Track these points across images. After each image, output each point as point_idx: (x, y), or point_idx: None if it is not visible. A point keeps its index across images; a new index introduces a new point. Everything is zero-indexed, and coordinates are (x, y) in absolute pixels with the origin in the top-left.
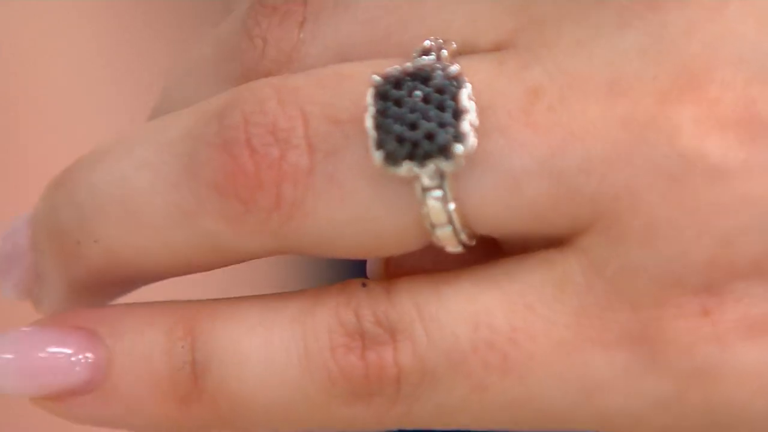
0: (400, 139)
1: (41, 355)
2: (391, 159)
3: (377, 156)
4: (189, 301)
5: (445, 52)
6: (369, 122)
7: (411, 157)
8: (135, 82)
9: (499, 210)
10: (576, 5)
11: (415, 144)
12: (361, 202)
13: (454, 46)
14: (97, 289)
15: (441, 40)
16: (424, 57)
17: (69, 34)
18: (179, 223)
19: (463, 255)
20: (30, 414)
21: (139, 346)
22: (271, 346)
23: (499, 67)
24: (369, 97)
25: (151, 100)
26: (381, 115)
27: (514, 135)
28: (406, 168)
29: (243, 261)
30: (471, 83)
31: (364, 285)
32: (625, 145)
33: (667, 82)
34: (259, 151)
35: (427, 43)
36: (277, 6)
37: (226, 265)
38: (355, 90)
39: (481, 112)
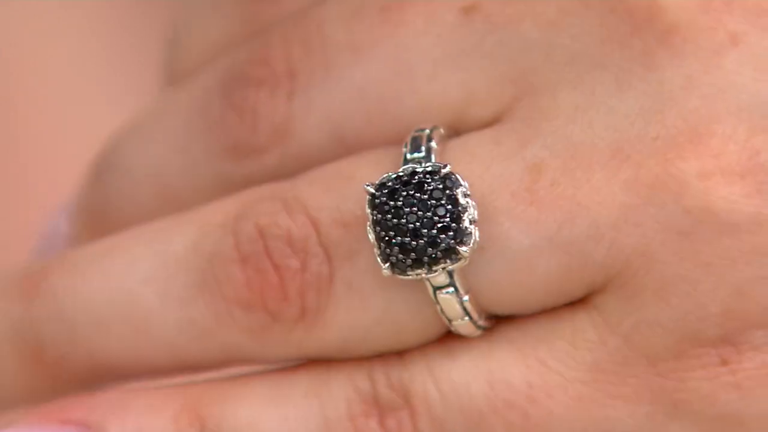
0: (404, 250)
1: None
2: (399, 269)
3: (384, 267)
4: (190, 384)
5: (434, 144)
6: (371, 235)
7: (418, 264)
8: (135, 82)
9: (513, 291)
10: (572, 71)
11: (419, 252)
12: (380, 306)
13: (443, 132)
14: (65, 388)
15: (428, 130)
16: (414, 152)
17: (69, 34)
18: (196, 338)
19: None
20: None
21: None
22: (288, 422)
23: (497, 148)
24: (366, 207)
25: (150, 99)
26: (380, 226)
27: (519, 215)
28: (415, 274)
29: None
30: (468, 171)
31: None
32: (632, 208)
33: (669, 140)
34: (281, 264)
35: (414, 133)
36: (264, 78)
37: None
38: (357, 191)
39: (483, 198)
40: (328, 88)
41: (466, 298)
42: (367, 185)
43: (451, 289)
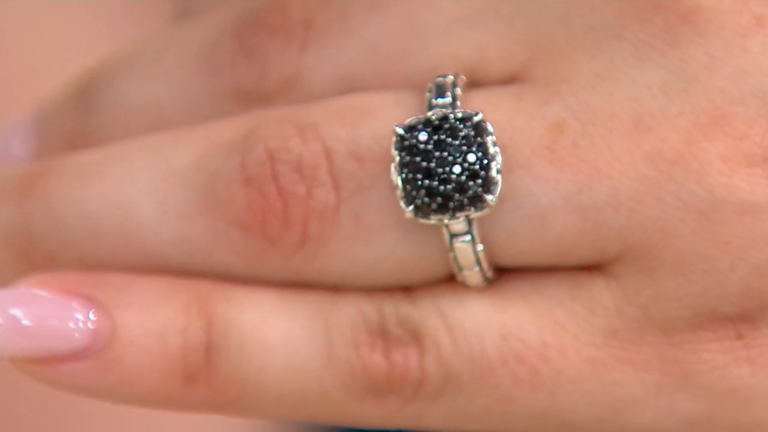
0: (431, 194)
1: (37, 315)
2: (422, 212)
3: (408, 209)
4: (198, 281)
5: (459, 91)
6: (396, 176)
7: (443, 209)
8: None
9: (526, 245)
10: (590, 38)
11: (446, 197)
12: (387, 244)
13: (465, 79)
14: None
15: (452, 76)
16: (440, 98)
17: (69, 34)
18: (190, 256)
19: None
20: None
21: (152, 321)
22: (292, 338)
23: (518, 103)
24: (393, 148)
25: None
26: (407, 168)
27: (539, 171)
28: (436, 219)
29: None
30: (491, 120)
31: None
32: (653, 181)
33: (693, 118)
34: (286, 188)
35: (439, 79)
36: (279, 26)
37: None
38: (376, 127)
39: (504, 149)
40: (342, 41)
41: (480, 247)
42: (397, 126)
43: (468, 237)
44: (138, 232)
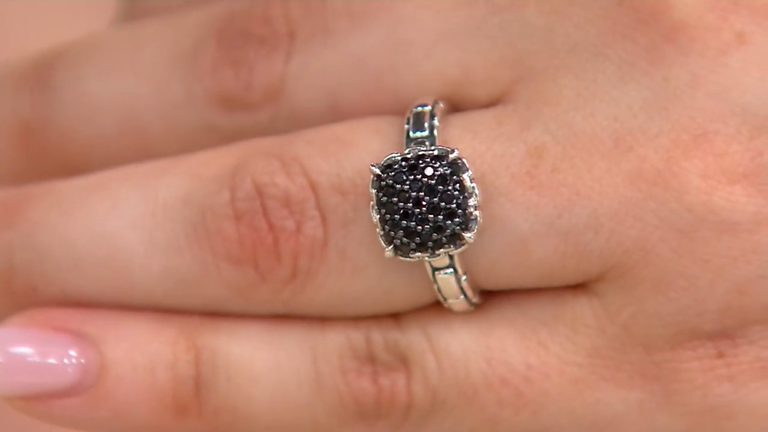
0: (408, 233)
1: (30, 353)
2: (402, 251)
3: (388, 249)
4: (186, 314)
5: (436, 122)
6: (374, 214)
7: (422, 248)
8: None
9: (509, 271)
10: (574, 57)
11: (424, 237)
12: (373, 277)
13: (443, 106)
14: None
15: (430, 106)
16: (417, 131)
17: (69, 34)
18: (178, 289)
19: None
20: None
21: (141, 356)
22: (280, 368)
23: (499, 129)
24: (370, 187)
25: None
26: (385, 208)
27: (518, 198)
28: (417, 257)
29: None
30: (470, 148)
31: None
32: (633, 201)
33: (673, 136)
34: (276, 224)
35: (418, 109)
36: (265, 37)
37: None
38: (357, 160)
39: (483, 177)
40: (326, 54)
41: (464, 278)
42: (373, 166)
43: (450, 270)
44: (125, 266)
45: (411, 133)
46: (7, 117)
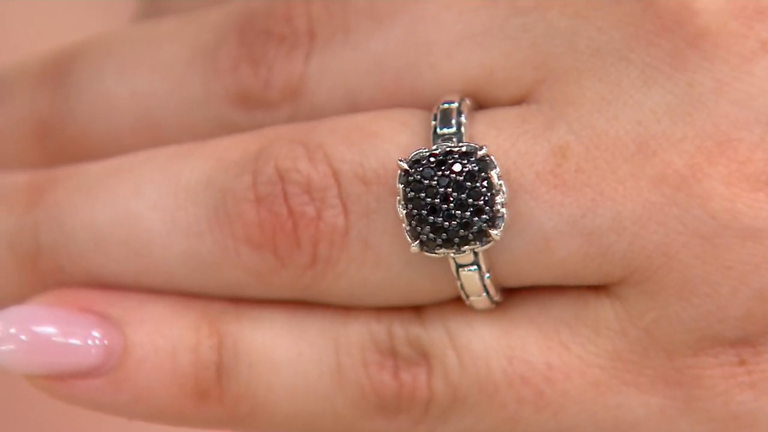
0: (435, 230)
1: (55, 332)
2: (427, 247)
3: (413, 244)
4: (210, 299)
5: (464, 119)
6: (401, 209)
7: (448, 244)
8: None
9: (531, 268)
10: (597, 61)
11: (451, 233)
12: (395, 268)
13: (469, 103)
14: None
15: (456, 103)
16: (444, 128)
17: (68, 32)
18: (198, 271)
19: None
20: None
21: (163, 339)
22: (301, 358)
23: (523, 126)
24: (398, 182)
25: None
26: (412, 203)
27: (543, 196)
28: (442, 253)
29: None
30: (495, 144)
31: None
32: (656, 206)
33: (697, 143)
34: (297, 209)
35: (444, 105)
36: (285, 36)
37: None
38: (382, 150)
39: (508, 173)
40: (346, 53)
41: (487, 275)
42: (401, 160)
43: (475, 267)
44: (147, 247)
45: (438, 130)
46: (25, 113)
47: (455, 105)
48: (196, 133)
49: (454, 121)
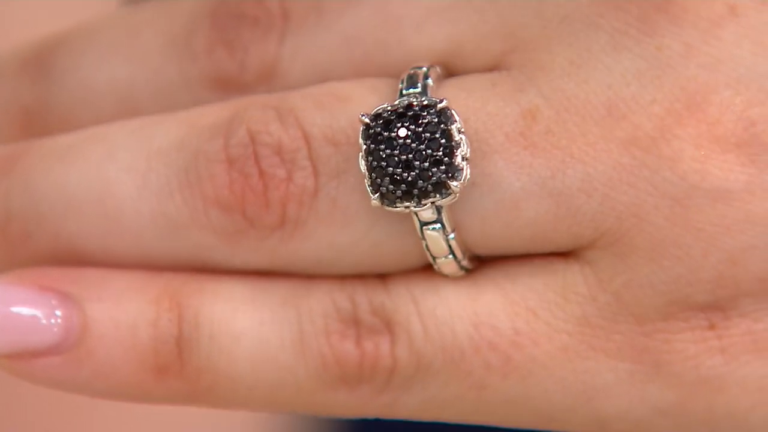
0: (395, 181)
1: (13, 312)
2: (388, 200)
3: (374, 198)
4: (171, 273)
5: (430, 81)
6: (362, 163)
7: (407, 196)
8: None
9: (499, 230)
10: (566, 28)
11: (410, 184)
12: (362, 227)
13: (439, 71)
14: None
15: (425, 68)
16: (410, 88)
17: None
18: (166, 233)
19: None
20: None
21: (123, 314)
22: (263, 327)
23: (493, 89)
24: (360, 137)
25: None
26: (372, 156)
27: (512, 157)
28: (403, 206)
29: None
30: (464, 106)
31: None
32: (627, 168)
33: (666, 106)
34: (267, 171)
35: (412, 71)
36: (259, 18)
37: None
38: (352, 112)
39: (477, 134)
40: (318, 33)
41: (452, 235)
42: (363, 115)
43: (438, 225)
44: (117, 208)
45: (404, 91)
46: (8, 102)
47: (423, 69)
48: None
49: (420, 84)
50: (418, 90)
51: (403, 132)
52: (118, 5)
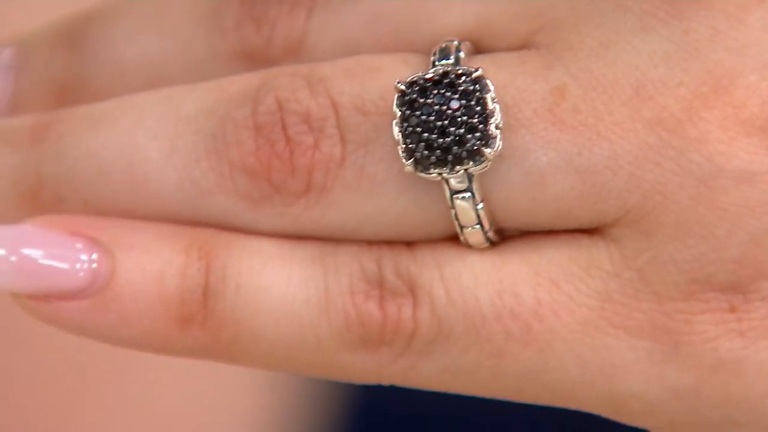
0: (429, 147)
1: (43, 254)
2: (422, 165)
3: (407, 163)
4: (200, 228)
5: (462, 54)
6: (396, 130)
7: (441, 163)
8: None
9: (525, 204)
10: (594, 9)
11: (445, 150)
12: (389, 196)
13: (469, 45)
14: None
15: (457, 41)
16: (443, 59)
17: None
18: (193, 198)
19: None
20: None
21: (151, 262)
22: (290, 282)
23: (522, 66)
24: (395, 104)
25: None
26: (408, 122)
27: (540, 132)
28: (436, 172)
29: None
30: (494, 80)
31: None
32: (653, 147)
33: (693, 88)
34: (294, 138)
35: (443, 44)
36: None
37: None
38: (383, 83)
39: (506, 108)
40: (346, 9)
41: (480, 205)
42: (398, 82)
43: (468, 194)
44: (144, 173)
45: (437, 62)
46: (43, 78)
47: (455, 43)
48: None
49: (453, 56)
50: (451, 61)
51: (439, 99)
52: None
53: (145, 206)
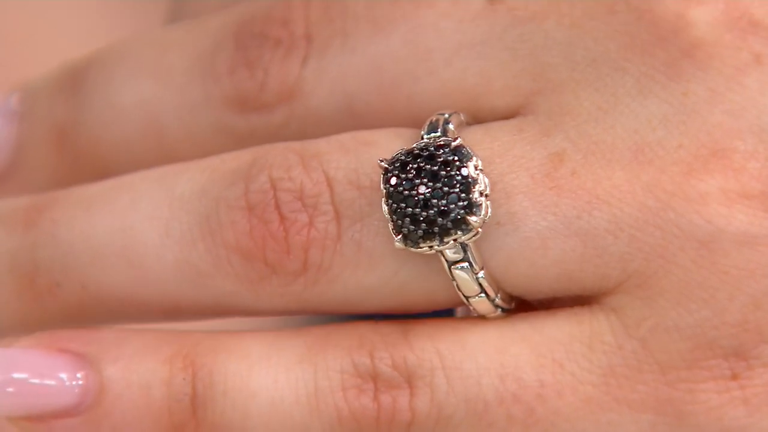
0: (415, 221)
1: (31, 376)
2: (411, 240)
3: (397, 240)
4: (187, 332)
5: (451, 126)
6: (384, 208)
7: (429, 236)
8: None
9: (525, 269)
10: (593, 71)
11: (429, 222)
12: (389, 269)
13: (462, 117)
14: (56, 321)
15: (447, 114)
16: (431, 132)
17: (68, 34)
18: (191, 281)
19: None
20: None
21: (137, 374)
22: (278, 385)
23: (519, 134)
24: (381, 182)
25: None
26: (392, 198)
27: (537, 197)
28: (426, 246)
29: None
30: (489, 149)
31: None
32: (653, 210)
33: (692, 151)
34: (288, 217)
35: (434, 117)
36: (281, 39)
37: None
38: (376, 156)
39: (502, 176)
40: (344, 57)
41: (481, 274)
42: (381, 160)
43: (466, 264)
44: (141, 257)
45: (425, 136)
46: (44, 123)
47: (444, 116)
48: (197, 137)
49: (440, 128)
50: (438, 134)
51: (421, 172)
52: (165, 21)
53: (144, 289)
